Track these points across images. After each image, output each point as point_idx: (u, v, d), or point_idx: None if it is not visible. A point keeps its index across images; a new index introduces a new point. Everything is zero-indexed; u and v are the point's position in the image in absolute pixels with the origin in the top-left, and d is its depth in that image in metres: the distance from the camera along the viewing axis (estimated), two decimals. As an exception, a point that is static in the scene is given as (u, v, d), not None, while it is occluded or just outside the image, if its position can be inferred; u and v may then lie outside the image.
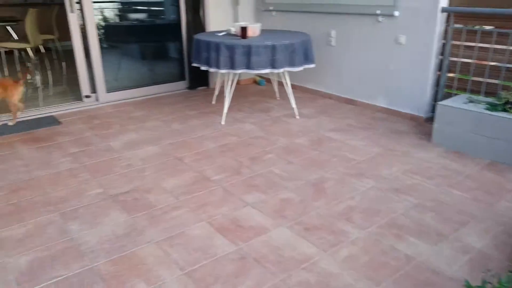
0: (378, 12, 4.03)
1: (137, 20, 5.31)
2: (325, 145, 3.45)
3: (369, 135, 3.66)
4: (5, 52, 6.60)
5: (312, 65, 4.03)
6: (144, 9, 5.41)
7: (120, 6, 5.15)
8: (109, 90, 4.74)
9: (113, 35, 4.90)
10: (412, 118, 4.02)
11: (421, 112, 3.96)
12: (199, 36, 4.03)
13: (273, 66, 3.73)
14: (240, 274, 1.94)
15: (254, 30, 3.96)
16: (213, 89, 5.09)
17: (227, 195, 2.66)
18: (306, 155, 3.27)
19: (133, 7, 5.35)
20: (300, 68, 3.89)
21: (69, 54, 7.38)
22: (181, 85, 5.29)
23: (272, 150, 3.36)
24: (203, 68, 3.94)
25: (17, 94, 3.89)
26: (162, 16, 5.58)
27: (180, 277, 1.92)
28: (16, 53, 6.80)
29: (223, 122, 4.00)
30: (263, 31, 4.15)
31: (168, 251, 2.11)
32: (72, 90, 5.25)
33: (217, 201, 2.59)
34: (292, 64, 3.81)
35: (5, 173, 2.99)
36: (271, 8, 5.20)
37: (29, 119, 4.17)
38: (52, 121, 4.12)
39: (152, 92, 5.05)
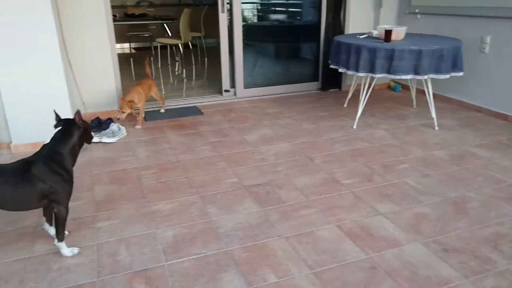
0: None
1: (276, 20, 5.50)
2: (468, 162, 3.14)
3: (524, 156, 3.23)
4: (160, 46, 7.44)
5: (460, 73, 3.70)
6: (284, 10, 5.58)
7: (261, 7, 5.40)
8: (246, 86, 5.01)
9: (252, 34, 5.15)
10: None
11: None
12: (340, 38, 4.01)
13: (416, 72, 3.52)
14: (369, 284, 1.88)
15: (398, 33, 3.79)
16: (345, 92, 5.02)
17: (357, 201, 2.60)
18: (445, 169, 3.02)
19: (274, 8, 5.56)
20: (447, 76, 3.60)
21: (211, 50, 8.04)
22: (313, 85, 5.33)
23: (406, 160, 3.19)
24: (340, 70, 3.91)
25: (156, 87, 4.33)
26: (301, 17, 5.69)
27: (308, 275, 1.95)
28: (168, 48, 7.62)
29: (354, 126, 3.93)
30: (407, 35, 3.94)
31: (296, 247, 2.15)
32: (212, 84, 5.69)
33: (347, 205, 2.56)
34: (438, 71, 3.55)
35: (157, 154, 3.39)
36: (416, 10, 4.91)
37: (177, 108, 4.64)
38: (195, 111, 4.52)
39: (285, 91, 5.19)
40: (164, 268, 2.01)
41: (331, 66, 4.11)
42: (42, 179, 1.92)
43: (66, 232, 2.16)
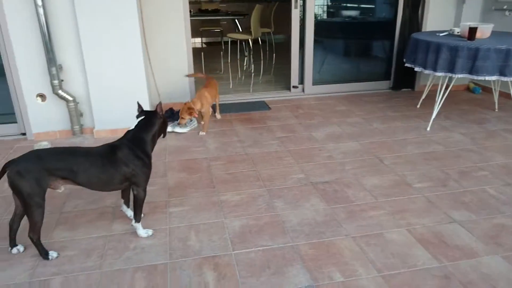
0: None
1: (348, 17, 5.38)
2: (558, 173, 2.88)
3: None
4: (230, 42, 7.59)
5: (553, 76, 3.38)
6: (357, 6, 5.43)
7: (334, 3, 5.30)
8: (314, 83, 4.97)
9: (323, 30, 5.06)
10: None
11: None
12: (418, 36, 3.83)
13: (502, 73, 3.28)
14: (442, 294, 1.80)
15: (484, 31, 3.54)
16: (419, 92, 4.79)
17: (430, 206, 2.48)
18: (532, 180, 2.79)
19: (346, 4, 5.44)
20: (538, 78, 3.31)
21: (279, 47, 8.06)
22: (384, 84, 5.16)
23: (486, 167, 2.98)
24: (416, 69, 3.75)
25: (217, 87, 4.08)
26: (374, 14, 5.51)
27: (376, 278, 1.90)
28: (238, 43, 7.75)
29: (428, 128, 3.74)
30: (492, 33, 3.67)
31: (364, 249, 2.10)
32: (280, 80, 5.71)
33: (419, 210, 2.45)
34: (527, 72, 3.27)
35: (226, 145, 3.47)
36: (505, 7, 4.55)
37: (245, 102, 4.72)
38: (263, 105, 4.57)
39: (354, 89, 5.08)
40: (231, 257, 2.06)
41: (406, 65, 3.94)
42: (125, 162, 2.06)
43: (142, 215, 2.29)
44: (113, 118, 3.66)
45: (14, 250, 2.11)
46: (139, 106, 2.28)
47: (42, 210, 1.93)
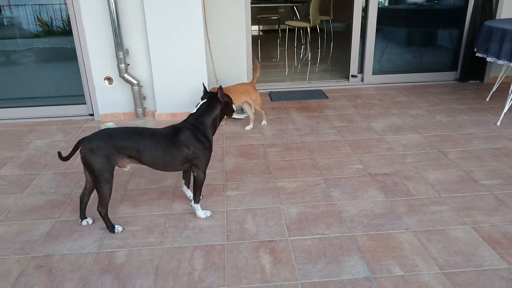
0: None
1: (414, 4, 5.12)
2: None
3: None
4: (287, 29, 7.53)
5: None
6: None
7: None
8: (374, 72, 4.81)
9: (385, 18, 4.86)
10: None
11: None
12: (491, 23, 3.58)
13: None
14: (511, 297, 1.70)
15: None
16: (488, 85, 4.50)
17: (499, 205, 2.34)
18: None
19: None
20: None
21: (337, 35, 7.88)
22: (450, 75, 4.89)
23: None
24: (489, 59, 3.51)
25: (256, 94, 3.55)
26: (441, 1, 5.21)
27: (438, 275, 1.83)
28: (296, 31, 7.66)
29: (498, 123, 3.51)
30: None
31: (425, 244, 2.03)
32: (337, 68, 5.59)
33: (486, 208, 2.32)
34: None
35: (282, 133, 3.47)
36: None
37: (301, 90, 4.68)
38: (320, 94, 4.51)
39: (417, 80, 4.86)
40: (287, 243, 2.07)
41: (478, 55, 3.71)
42: (187, 144, 2.12)
43: (201, 196, 2.36)
44: (173, 102, 3.77)
45: (84, 222, 2.26)
46: (204, 88, 2.33)
47: (110, 186, 2.05)
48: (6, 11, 4.01)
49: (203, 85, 2.35)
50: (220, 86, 2.32)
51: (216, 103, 2.26)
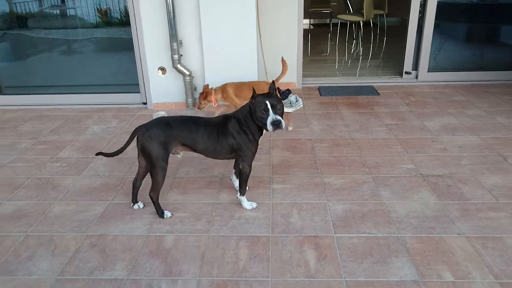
0: None
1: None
2: None
3: None
4: (339, 24, 7.38)
5: None
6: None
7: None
8: (430, 69, 4.62)
9: (444, 13, 4.63)
10: None
11: None
12: None
13: None
14: None
15: None
16: (557, 86, 4.19)
17: None
18: None
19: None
20: None
21: (391, 30, 7.63)
22: (513, 75, 4.60)
23: None
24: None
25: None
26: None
27: (493, 284, 1.74)
28: (348, 25, 7.50)
29: None
30: None
31: (480, 251, 1.93)
32: (390, 65, 5.41)
33: (550, 217, 2.17)
34: None
35: (330, 128, 3.42)
36: None
37: (351, 86, 4.58)
38: (371, 90, 4.39)
39: (476, 78, 4.61)
40: (332, 239, 2.04)
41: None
42: (232, 134, 2.15)
43: (247, 188, 2.38)
44: (223, 94, 3.82)
45: (135, 206, 2.35)
46: (253, 90, 2.25)
47: (164, 172, 2.11)
48: (69, 3, 4.23)
49: (253, 89, 2.27)
50: (273, 80, 2.32)
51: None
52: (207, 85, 3.46)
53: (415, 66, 4.63)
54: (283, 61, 3.27)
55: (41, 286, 1.80)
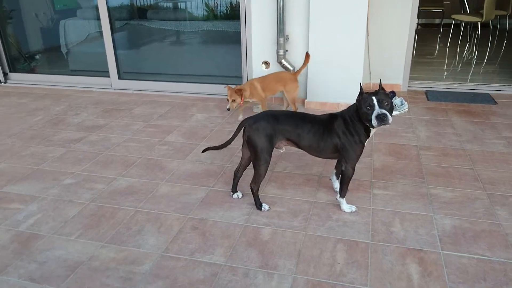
0: None
1: None
2: None
3: None
4: (451, 24, 6.83)
5: None
6: None
7: None
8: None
9: None
10: None
11: None
12: None
13: None
14: None
15: None
16: None
17: None
18: None
19: None
20: None
21: (514, 33, 6.87)
22: None
23: None
24: None
25: (293, 84, 3.52)
26: None
27: None
28: (462, 26, 6.91)
29: None
30: None
31: None
32: (510, 71, 4.87)
33: None
34: None
35: (439, 136, 3.18)
36: None
37: (463, 92, 4.21)
38: (487, 98, 4.00)
39: None
40: (439, 256, 1.90)
41: None
42: (338, 133, 2.09)
43: (347, 190, 2.31)
44: (324, 91, 3.76)
45: (235, 196, 2.41)
46: (361, 87, 2.18)
47: (267, 165, 2.14)
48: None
49: (360, 85, 2.21)
50: (380, 79, 2.21)
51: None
52: (229, 86, 3.38)
53: (543, 75, 4.11)
54: (307, 54, 3.50)
55: (148, 259, 1.93)
